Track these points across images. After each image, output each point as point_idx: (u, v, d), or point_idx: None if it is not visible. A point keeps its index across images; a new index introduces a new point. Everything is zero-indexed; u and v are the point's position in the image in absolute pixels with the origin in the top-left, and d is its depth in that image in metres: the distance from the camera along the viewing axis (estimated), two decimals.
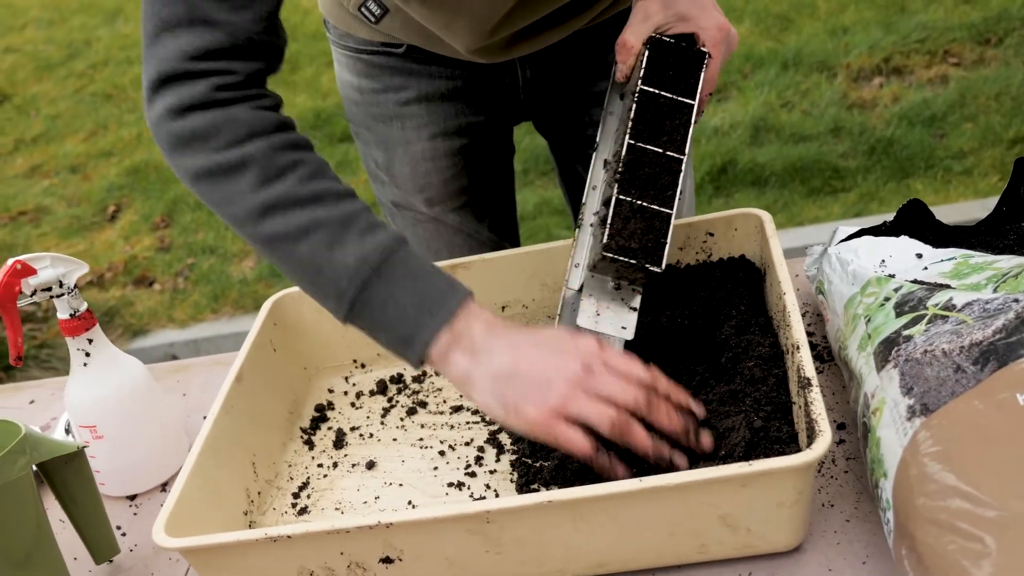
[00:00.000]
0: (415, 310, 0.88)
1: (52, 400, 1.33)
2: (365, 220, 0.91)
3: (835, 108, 3.50)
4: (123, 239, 3.83)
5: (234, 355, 1.34)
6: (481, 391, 0.87)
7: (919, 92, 3.48)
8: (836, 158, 3.27)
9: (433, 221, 1.42)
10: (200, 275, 3.53)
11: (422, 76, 1.30)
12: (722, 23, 0.99)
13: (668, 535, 0.81)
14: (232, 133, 0.90)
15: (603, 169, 1.06)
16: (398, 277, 0.89)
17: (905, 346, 0.81)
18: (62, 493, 0.95)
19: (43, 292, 1.02)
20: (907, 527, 0.71)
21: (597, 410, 0.84)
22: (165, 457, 1.12)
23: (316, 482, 1.05)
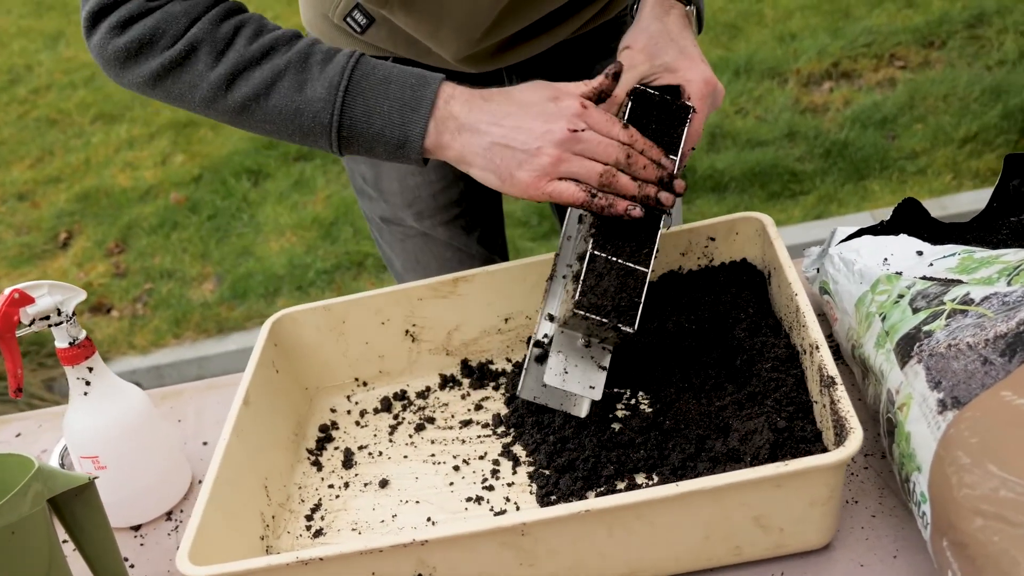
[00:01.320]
0: (398, 112, 0.94)
1: (40, 432, 1.30)
2: (319, 52, 0.96)
3: (788, 113, 3.55)
4: (76, 266, 3.76)
5: (227, 378, 1.32)
6: (476, 165, 0.94)
7: (869, 95, 3.55)
8: (793, 162, 3.31)
9: (422, 236, 1.41)
10: (159, 300, 3.48)
11: None
12: (709, 77, 0.99)
13: (703, 538, 0.81)
14: (174, 28, 0.95)
15: (578, 221, 1.05)
16: (370, 88, 0.95)
17: (927, 341, 0.82)
18: (71, 526, 0.93)
19: (41, 321, 1.00)
20: (948, 519, 0.72)
21: (585, 167, 0.91)
22: (168, 485, 1.10)
23: (328, 503, 1.04)
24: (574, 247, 1.04)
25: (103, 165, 4.34)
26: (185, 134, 4.43)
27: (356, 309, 1.15)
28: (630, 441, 0.97)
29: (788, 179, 3.25)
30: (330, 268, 3.38)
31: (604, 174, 0.91)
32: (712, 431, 0.94)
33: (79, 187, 4.21)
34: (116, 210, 4.00)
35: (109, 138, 4.54)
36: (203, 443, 1.20)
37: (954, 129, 3.24)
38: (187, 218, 3.85)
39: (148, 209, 3.96)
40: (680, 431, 0.96)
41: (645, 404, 1.04)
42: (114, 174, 4.25)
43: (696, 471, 0.90)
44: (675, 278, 1.13)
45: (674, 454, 0.94)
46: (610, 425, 1.02)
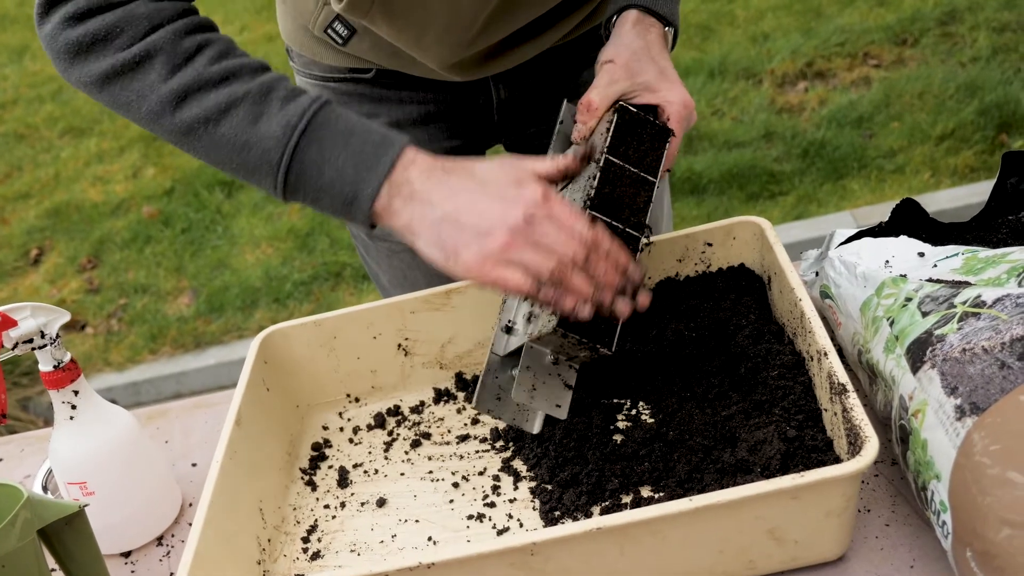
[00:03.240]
0: (353, 168, 0.87)
1: (23, 457, 1.27)
2: (283, 88, 0.89)
3: (764, 114, 3.56)
4: (49, 283, 3.70)
5: (214, 396, 1.29)
6: (423, 239, 0.87)
7: (844, 94, 3.55)
8: (771, 162, 3.31)
9: (409, 251, 1.38)
10: (134, 315, 3.43)
11: (392, 102, 1.26)
12: (687, 100, 0.98)
13: (717, 553, 0.80)
14: (133, 29, 0.89)
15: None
16: (329, 137, 0.88)
17: (940, 346, 0.80)
18: (61, 554, 0.89)
19: (25, 344, 0.97)
20: (972, 529, 0.70)
21: (536, 258, 0.84)
22: (159, 509, 1.07)
23: (325, 524, 1.01)
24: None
25: (73, 179, 4.28)
26: (156, 147, 4.37)
27: (347, 324, 1.12)
28: (633, 453, 0.95)
29: (766, 180, 3.25)
30: (307, 279, 3.34)
31: (556, 269, 0.84)
32: (718, 441, 0.92)
33: (49, 202, 4.14)
34: (88, 225, 3.94)
35: (78, 152, 4.48)
36: (192, 464, 1.17)
37: (930, 127, 3.25)
38: (160, 232, 3.80)
39: (120, 223, 3.90)
40: (685, 442, 0.94)
41: (646, 415, 1.02)
42: (84, 188, 4.19)
43: (703, 482, 0.88)
44: (672, 285, 1.11)
45: (680, 465, 0.92)
46: (612, 437, 0.99)
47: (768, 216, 3.10)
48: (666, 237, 1.11)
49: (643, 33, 1.02)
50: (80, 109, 4.83)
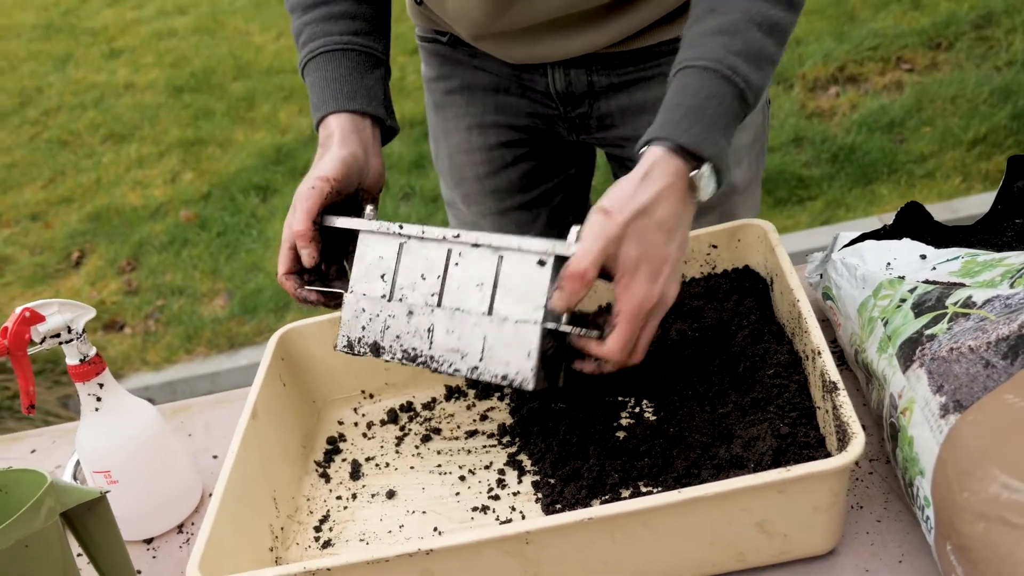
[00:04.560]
0: (316, 101, 1.09)
1: (54, 448, 1.31)
2: (317, 26, 1.11)
3: (795, 118, 3.56)
4: (89, 285, 3.78)
5: (235, 392, 1.33)
6: None
7: (876, 99, 3.55)
8: (800, 167, 3.32)
9: (473, 223, 1.41)
10: (171, 316, 3.50)
11: (467, 67, 1.31)
12: (643, 301, 0.87)
13: (707, 544, 0.82)
14: None
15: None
16: (311, 79, 1.11)
17: (929, 345, 0.82)
18: (84, 539, 0.93)
19: (52, 339, 1.01)
20: (951, 523, 0.72)
21: None
22: (180, 499, 1.11)
23: (337, 514, 1.04)
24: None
25: (113, 184, 4.37)
26: (193, 152, 4.45)
27: None
28: (634, 449, 0.98)
29: (795, 185, 3.25)
30: None
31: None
32: (716, 438, 0.94)
33: (90, 206, 4.24)
34: (127, 228, 4.03)
35: (119, 157, 4.58)
36: (213, 456, 1.21)
37: (963, 131, 3.24)
38: (197, 235, 3.87)
39: (159, 227, 3.98)
40: (684, 439, 0.96)
41: (649, 412, 1.04)
42: (124, 193, 4.28)
43: (700, 479, 0.90)
44: None
45: (678, 462, 0.94)
46: (615, 433, 1.02)
47: (796, 221, 3.11)
48: None
49: (656, 182, 0.87)
50: (121, 116, 4.93)
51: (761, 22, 0.89)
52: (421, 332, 1.00)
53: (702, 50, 0.89)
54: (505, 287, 0.95)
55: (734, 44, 0.88)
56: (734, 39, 0.88)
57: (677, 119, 0.88)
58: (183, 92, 5.01)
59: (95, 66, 5.57)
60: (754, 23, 0.89)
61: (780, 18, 0.90)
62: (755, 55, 0.89)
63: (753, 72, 0.88)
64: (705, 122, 0.87)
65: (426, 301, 0.99)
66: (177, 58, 5.41)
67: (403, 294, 1.01)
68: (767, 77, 0.91)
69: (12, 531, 0.80)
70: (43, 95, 5.39)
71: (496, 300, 0.96)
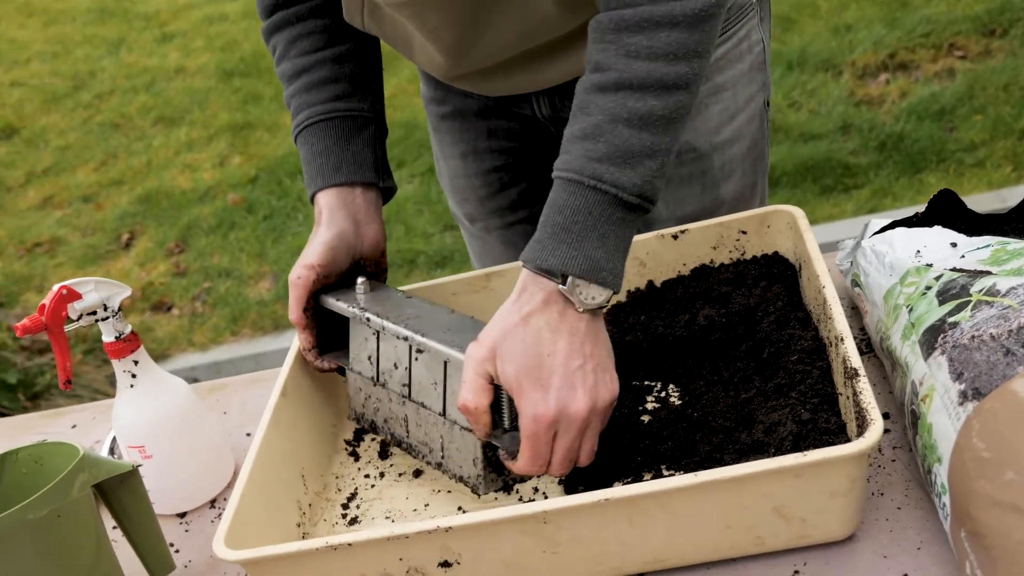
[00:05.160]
0: (307, 178, 1.12)
1: (94, 424, 1.35)
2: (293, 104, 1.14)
3: (843, 106, 3.52)
4: (139, 266, 3.85)
5: (270, 372, 1.36)
6: None
7: (926, 86, 3.50)
8: (847, 155, 3.28)
9: (479, 237, 1.43)
10: (217, 298, 3.55)
11: (457, 91, 1.30)
12: (540, 413, 0.84)
13: (724, 528, 0.82)
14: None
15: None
16: (301, 153, 1.13)
17: (952, 333, 0.81)
18: (118, 512, 0.96)
19: (89, 316, 1.04)
20: (966, 510, 0.72)
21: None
22: (212, 475, 1.14)
23: (364, 492, 1.06)
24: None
25: (163, 167, 4.44)
26: (242, 136, 4.51)
27: None
28: (658, 433, 0.98)
29: (841, 173, 3.22)
30: None
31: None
32: (739, 423, 0.94)
33: (141, 189, 4.31)
34: (176, 211, 4.09)
35: (169, 141, 4.64)
36: (247, 434, 1.23)
37: (1015, 120, 3.18)
38: (244, 218, 3.92)
39: (207, 210, 4.04)
40: (707, 423, 0.97)
41: (675, 397, 1.04)
42: (174, 176, 4.34)
43: (722, 463, 0.91)
44: (706, 272, 1.13)
45: (701, 446, 0.94)
46: (639, 417, 1.03)
47: (841, 209, 3.08)
48: (701, 225, 1.13)
49: (527, 302, 0.87)
50: (172, 100, 5.00)
51: (629, 117, 0.84)
52: (400, 420, 1.05)
53: (567, 158, 0.87)
54: (452, 391, 0.97)
55: (597, 149, 0.85)
56: (597, 143, 0.85)
57: (545, 239, 0.87)
58: (232, 76, 5.07)
59: (147, 50, 5.65)
60: (619, 120, 0.85)
61: (652, 107, 0.84)
62: (623, 155, 0.84)
63: (623, 173, 0.84)
64: (572, 239, 0.85)
65: (400, 391, 1.03)
66: (227, 42, 5.47)
67: (385, 379, 1.05)
68: (651, 170, 0.85)
69: (45, 501, 0.83)
70: (96, 79, 5.48)
71: (447, 403, 0.98)
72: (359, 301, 1.06)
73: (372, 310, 1.04)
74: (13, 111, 5.36)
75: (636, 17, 0.85)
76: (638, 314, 1.12)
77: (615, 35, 0.86)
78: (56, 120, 5.16)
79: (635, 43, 0.85)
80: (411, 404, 1.02)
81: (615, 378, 0.88)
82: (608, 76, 0.86)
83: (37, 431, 1.37)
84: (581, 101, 0.88)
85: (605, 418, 0.89)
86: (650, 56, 0.85)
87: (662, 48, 0.84)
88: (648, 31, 0.84)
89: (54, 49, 6.00)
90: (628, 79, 0.85)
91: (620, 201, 0.85)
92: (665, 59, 0.85)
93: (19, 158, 4.90)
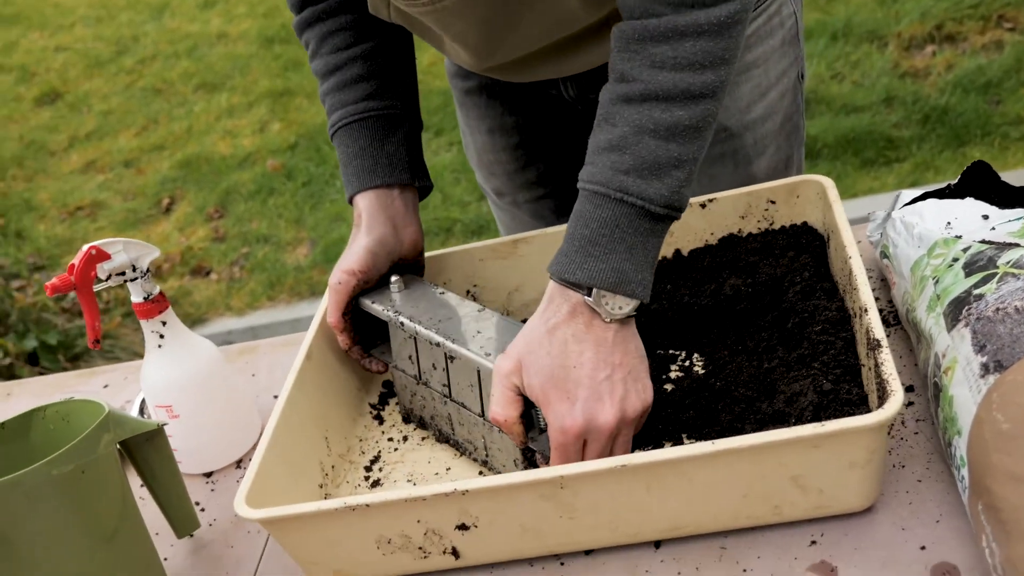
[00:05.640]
0: (344, 179, 1.13)
1: (125, 384, 1.37)
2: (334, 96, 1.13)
3: (887, 78, 3.46)
4: (178, 231, 3.89)
5: (300, 335, 1.37)
6: None
7: (973, 59, 3.43)
8: (889, 128, 3.23)
9: (508, 210, 1.43)
10: (255, 264, 3.58)
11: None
12: (567, 426, 0.84)
13: (741, 497, 0.82)
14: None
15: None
16: (338, 154, 1.13)
17: (976, 305, 0.80)
18: (144, 470, 0.98)
19: (117, 276, 1.05)
20: (983, 483, 0.71)
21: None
22: (239, 435, 1.15)
23: (387, 455, 1.07)
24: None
25: (204, 133, 4.47)
26: (282, 102, 4.53)
27: None
28: (680, 402, 0.98)
29: (883, 146, 3.17)
30: None
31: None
32: (761, 393, 0.94)
33: (182, 154, 4.35)
34: (216, 176, 4.12)
35: (210, 107, 4.67)
36: (274, 396, 1.25)
37: None
38: (283, 184, 3.94)
39: (246, 175, 4.07)
40: (730, 392, 0.96)
41: (699, 366, 1.04)
42: (214, 142, 4.38)
43: (742, 433, 0.90)
44: (734, 241, 1.12)
45: (723, 415, 0.94)
46: (663, 386, 1.02)
47: (882, 183, 3.04)
48: (730, 194, 1.12)
49: (553, 314, 0.87)
50: (214, 65, 5.02)
51: (655, 128, 0.84)
52: (445, 418, 1.05)
53: (592, 170, 0.86)
54: (488, 395, 0.97)
55: (624, 162, 0.84)
56: (624, 156, 0.84)
57: (572, 252, 0.86)
58: (273, 43, 5.09)
59: (189, 16, 5.68)
60: (645, 132, 0.84)
61: (679, 117, 0.83)
62: (650, 167, 0.84)
63: (650, 185, 0.84)
64: (600, 252, 0.85)
65: (441, 391, 1.03)
66: (269, 8, 5.49)
67: (427, 378, 1.05)
68: (678, 180, 0.85)
69: (70, 457, 0.84)
70: (139, 44, 5.52)
71: (484, 406, 0.98)
72: (394, 302, 1.07)
73: (406, 313, 1.05)
74: (57, 75, 5.42)
75: (661, 27, 0.83)
76: (664, 283, 1.12)
77: (639, 45, 0.85)
78: (99, 85, 5.21)
79: (660, 53, 0.84)
80: (452, 404, 1.02)
81: (648, 386, 0.88)
82: (633, 88, 0.85)
83: (71, 389, 1.39)
84: (606, 112, 0.87)
85: (638, 425, 0.89)
86: (675, 67, 0.83)
87: (687, 58, 0.83)
88: (673, 41, 0.83)
89: (98, 14, 6.05)
90: (654, 90, 0.84)
91: (647, 213, 0.85)
92: (691, 69, 0.83)
93: (62, 122, 4.95)
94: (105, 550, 0.88)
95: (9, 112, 5.16)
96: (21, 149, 4.77)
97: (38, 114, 5.10)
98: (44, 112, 5.09)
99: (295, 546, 0.89)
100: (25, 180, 4.53)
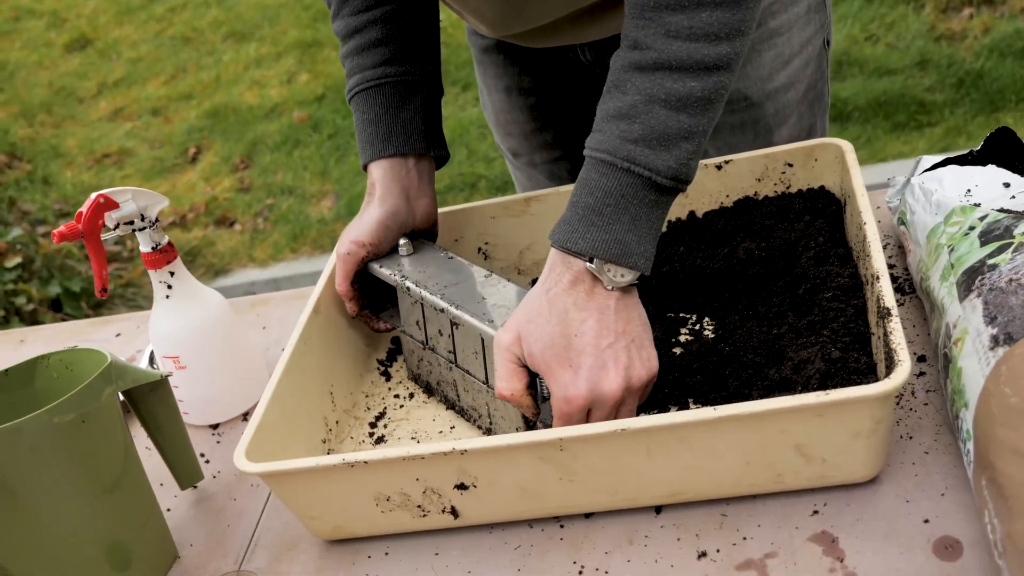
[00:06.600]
0: (359, 146, 1.12)
1: (138, 333, 1.37)
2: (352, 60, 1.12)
3: (922, 40, 3.40)
4: (204, 180, 3.90)
5: (312, 289, 1.36)
6: None
7: (1012, 22, 3.35)
8: (922, 92, 3.18)
9: (525, 170, 1.41)
10: (279, 215, 3.58)
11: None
12: (571, 395, 0.83)
13: (743, 464, 0.81)
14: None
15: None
16: (354, 119, 1.12)
17: (990, 275, 0.78)
18: (148, 421, 0.98)
19: (126, 225, 1.04)
20: (988, 457, 0.70)
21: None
22: (246, 388, 1.15)
23: (392, 412, 1.07)
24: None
25: (232, 83, 4.46)
26: (310, 54, 4.50)
27: None
28: (687, 366, 0.97)
29: (915, 109, 3.12)
30: (443, 189, 3.41)
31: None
32: (769, 359, 0.93)
33: (209, 104, 4.34)
34: (242, 127, 4.12)
35: (239, 56, 4.66)
36: (283, 349, 1.24)
37: None
38: (309, 136, 3.93)
39: (272, 127, 4.06)
40: (738, 358, 0.95)
41: (709, 330, 1.03)
42: (242, 92, 4.37)
43: (749, 399, 0.89)
44: (750, 204, 1.10)
45: (730, 380, 0.93)
46: (671, 349, 1.01)
47: (912, 147, 2.99)
48: (747, 156, 1.10)
49: (555, 283, 0.85)
50: (243, 15, 5.00)
51: (666, 98, 0.82)
52: (450, 384, 1.04)
53: (600, 137, 0.84)
54: (492, 363, 0.95)
55: (632, 130, 0.82)
56: (632, 124, 0.82)
57: (575, 220, 0.85)
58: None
59: None
60: (656, 101, 0.82)
61: (691, 88, 0.81)
62: (659, 137, 0.82)
63: (658, 156, 0.82)
64: (603, 222, 0.83)
65: (447, 357, 1.02)
66: None
67: (433, 344, 1.04)
68: (687, 152, 0.83)
69: (72, 406, 0.85)
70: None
71: (488, 373, 0.97)
72: (402, 266, 1.06)
73: (413, 278, 1.04)
74: (87, 22, 5.42)
75: None
76: (677, 245, 1.10)
77: (655, 13, 0.82)
78: (129, 32, 5.21)
79: (675, 22, 0.81)
80: (458, 370, 1.01)
81: (653, 355, 0.86)
82: (647, 56, 0.83)
83: (84, 337, 1.40)
84: (617, 79, 0.85)
85: (643, 395, 0.87)
86: (691, 36, 0.81)
87: (703, 28, 0.81)
88: (689, 10, 0.81)
89: None
90: (667, 59, 0.82)
91: (654, 184, 0.83)
92: (706, 39, 0.81)
93: (91, 69, 4.96)
94: (106, 500, 0.89)
95: (39, 58, 5.16)
96: (50, 95, 4.79)
97: (67, 60, 5.10)
98: (74, 58, 5.09)
99: (294, 501, 0.89)
100: (53, 126, 4.54)
